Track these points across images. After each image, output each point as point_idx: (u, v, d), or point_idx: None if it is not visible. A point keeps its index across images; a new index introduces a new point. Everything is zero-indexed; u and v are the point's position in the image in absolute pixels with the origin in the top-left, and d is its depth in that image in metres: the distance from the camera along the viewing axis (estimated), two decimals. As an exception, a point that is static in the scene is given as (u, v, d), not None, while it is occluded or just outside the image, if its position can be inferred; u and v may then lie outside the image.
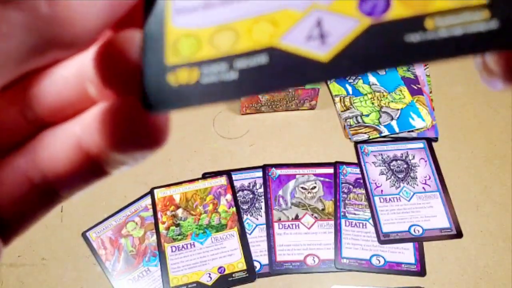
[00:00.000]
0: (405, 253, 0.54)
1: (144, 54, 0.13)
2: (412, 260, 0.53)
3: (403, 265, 0.53)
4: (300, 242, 0.55)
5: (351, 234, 0.55)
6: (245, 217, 0.57)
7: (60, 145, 0.14)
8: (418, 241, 0.54)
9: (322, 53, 0.12)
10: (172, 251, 0.54)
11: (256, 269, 0.53)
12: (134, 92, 0.13)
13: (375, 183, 0.59)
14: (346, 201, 0.58)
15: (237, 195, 0.58)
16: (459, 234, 0.54)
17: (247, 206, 0.58)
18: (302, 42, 0.12)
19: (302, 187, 0.59)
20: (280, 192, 0.59)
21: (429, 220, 0.55)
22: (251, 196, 0.58)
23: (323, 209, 0.57)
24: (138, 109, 0.13)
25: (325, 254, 0.54)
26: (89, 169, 0.14)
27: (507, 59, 0.12)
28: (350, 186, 0.59)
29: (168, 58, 0.13)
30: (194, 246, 0.55)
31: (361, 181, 0.59)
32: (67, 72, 0.14)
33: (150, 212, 0.58)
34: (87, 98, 0.15)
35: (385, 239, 0.54)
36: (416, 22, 0.12)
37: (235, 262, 0.53)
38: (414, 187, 0.58)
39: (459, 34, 0.11)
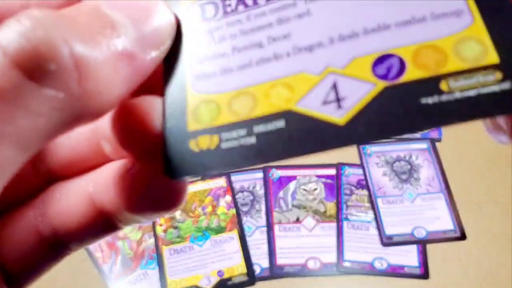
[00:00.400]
0: (408, 256, 0.53)
1: (165, 121, 0.14)
2: (415, 263, 0.53)
3: (406, 268, 0.52)
4: (301, 245, 0.54)
5: (354, 237, 0.55)
6: (244, 219, 0.56)
7: (72, 200, 0.15)
8: (422, 244, 0.54)
9: (338, 117, 0.12)
10: (170, 254, 0.54)
11: (256, 273, 0.53)
12: (154, 157, 0.13)
13: (378, 185, 0.58)
14: (348, 203, 0.57)
15: (237, 196, 0.58)
16: (462, 236, 0.54)
17: (247, 208, 0.57)
18: (318, 106, 0.12)
19: (303, 189, 0.58)
20: (281, 194, 0.58)
21: (433, 222, 0.55)
22: (251, 197, 0.58)
23: (324, 211, 0.57)
24: (158, 174, 0.13)
25: (327, 257, 0.53)
26: (101, 225, 0.14)
27: None
28: (353, 188, 0.58)
29: (190, 124, 0.13)
30: (192, 249, 0.54)
31: (364, 182, 0.58)
32: (82, 129, 0.14)
33: (148, 214, 0.57)
34: (101, 154, 0.15)
35: (388, 241, 0.54)
36: (431, 85, 0.12)
37: (235, 266, 0.53)
38: (417, 189, 0.57)
39: (473, 95, 0.11)
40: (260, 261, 0.53)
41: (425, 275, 0.52)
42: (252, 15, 0.14)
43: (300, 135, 0.12)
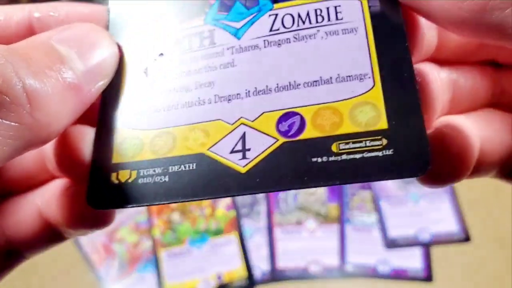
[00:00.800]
0: (411, 259, 0.52)
1: (94, 152, 0.15)
2: (419, 266, 0.52)
3: (409, 271, 0.52)
4: (303, 248, 0.53)
5: (356, 239, 0.54)
6: (244, 221, 0.55)
7: (23, 214, 0.16)
8: (426, 246, 0.53)
9: (241, 166, 0.13)
10: (167, 256, 0.53)
11: (256, 276, 0.52)
12: (84, 183, 0.15)
13: (381, 186, 0.57)
14: (351, 205, 0.56)
15: (236, 198, 0.57)
16: (467, 239, 0.53)
17: (246, 210, 0.56)
18: (227, 153, 0.14)
19: (305, 190, 0.57)
20: (282, 195, 0.57)
21: (437, 224, 0.54)
22: (251, 199, 0.57)
23: (327, 213, 0.56)
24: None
25: (329, 260, 0.52)
26: (50, 235, 0.16)
27: None
28: (355, 189, 0.57)
29: (114, 157, 0.15)
30: (191, 251, 0.53)
31: (367, 183, 0.57)
32: None
33: (145, 215, 0.56)
34: (48, 171, 0.16)
35: (391, 244, 0.53)
36: (323, 145, 0.13)
37: (234, 269, 0.52)
38: (422, 190, 0.56)
39: (358, 159, 0.12)
40: (260, 264, 0.53)
41: (428, 278, 0.51)
42: (186, 60, 0.15)
43: (207, 178, 0.13)
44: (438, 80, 0.14)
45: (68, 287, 0.53)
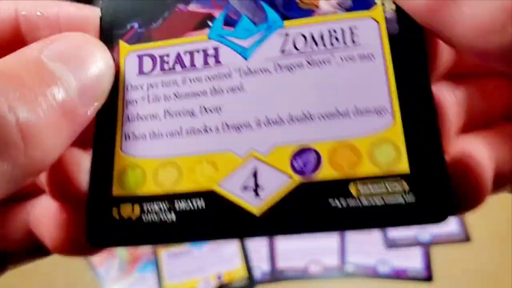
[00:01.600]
0: (412, 258, 0.52)
1: (91, 181, 0.13)
2: (419, 266, 0.52)
3: (409, 271, 0.52)
4: (303, 248, 0.53)
5: (356, 239, 0.53)
6: None
7: (10, 227, 0.15)
8: (426, 246, 0.53)
9: (255, 205, 0.12)
10: (167, 256, 0.53)
11: (256, 276, 0.52)
12: (79, 211, 0.14)
13: None
14: None
15: None
16: (467, 239, 0.53)
17: None
18: (238, 191, 0.13)
19: None
20: None
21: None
22: None
23: None
24: (82, 237, 0.13)
25: (329, 260, 0.52)
26: (36, 250, 0.15)
27: None
28: None
29: (114, 189, 0.13)
30: (191, 252, 0.53)
31: None
32: None
33: (145, 215, 0.56)
34: (36, 184, 0.15)
35: (391, 244, 0.53)
36: (341, 187, 0.12)
37: (234, 269, 0.52)
38: None
39: (379, 205, 0.12)
40: (260, 264, 0.52)
41: (429, 278, 0.51)
42: (188, 78, 0.14)
43: (218, 220, 0.12)
44: (454, 104, 0.13)
45: (68, 287, 0.53)
